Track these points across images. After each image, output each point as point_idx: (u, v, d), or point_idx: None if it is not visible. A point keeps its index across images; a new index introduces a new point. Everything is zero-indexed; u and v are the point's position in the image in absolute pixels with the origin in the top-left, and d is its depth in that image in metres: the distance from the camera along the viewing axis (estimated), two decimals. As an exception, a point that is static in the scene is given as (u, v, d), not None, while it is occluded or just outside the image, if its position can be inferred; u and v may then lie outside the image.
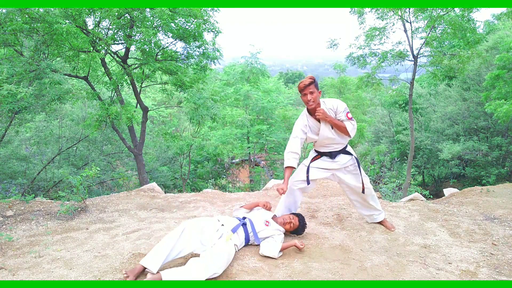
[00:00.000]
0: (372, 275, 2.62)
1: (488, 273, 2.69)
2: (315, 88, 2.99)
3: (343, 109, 3.06)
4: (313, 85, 2.97)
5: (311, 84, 2.96)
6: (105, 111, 7.39)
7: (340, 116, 3.07)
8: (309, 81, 2.96)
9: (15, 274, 2.55)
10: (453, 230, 3.54)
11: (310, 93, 2.97)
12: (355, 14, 10.07)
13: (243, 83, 14.86)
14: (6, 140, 8.26)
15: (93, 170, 4.09)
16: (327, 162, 3.28)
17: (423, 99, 16.66)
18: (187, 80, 8.26)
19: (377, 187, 8.78)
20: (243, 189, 12.35)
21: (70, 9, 6.38)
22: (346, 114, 3.05)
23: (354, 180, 3.31)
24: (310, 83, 2.95)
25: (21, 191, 7.68)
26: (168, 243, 2.51)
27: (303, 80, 3.00)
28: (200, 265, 2.41)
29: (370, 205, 3.48)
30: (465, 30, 9.06)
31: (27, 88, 4.73)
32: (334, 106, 3.06)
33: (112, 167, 11.35)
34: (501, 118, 8.94)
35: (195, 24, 7.79)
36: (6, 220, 3.59)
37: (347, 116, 3.06)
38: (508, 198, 4.46)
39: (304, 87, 2.96)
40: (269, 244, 2.89)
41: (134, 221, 3.72)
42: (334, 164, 3.26)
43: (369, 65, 10.49)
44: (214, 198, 4.74)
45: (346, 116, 3.05)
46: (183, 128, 15.78)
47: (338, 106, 3.07)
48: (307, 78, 2.98)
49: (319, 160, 3.31)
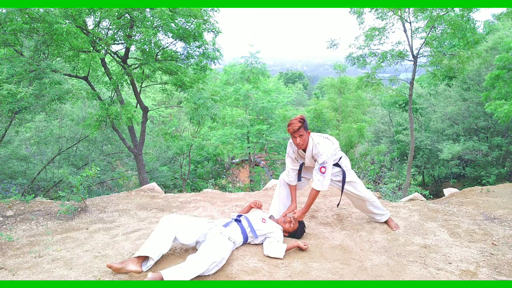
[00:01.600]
0: (372, 275, 2.62)
1: (488, 273, 2.69)
2: (304, 131, 3.03)
3: (321, 161, 3.09)
4: (302, 128, 3.01)
5: (300, 128, 3.00)
6: (105, 111, 7.39)
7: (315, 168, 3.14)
8: (298, 126, 2.99)
9: (15, 274, 2.55)
10: (453, 230, 3.54)
11: (300, 136, 3.03)
12: (354, 14, 10.07)
13: (243, 83, 14.86)
14: (6, 140, 8.25)
15: (93, 170, 4.09)
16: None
17: (423, 99, 16.66)
18: (187, 80, 8.26)
19: (377, 187, 8.78)
20: (243, 189, 12.33)
21: (70, 9, 6.38)
22: (320, 168, 3.09)
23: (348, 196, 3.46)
24: (299, 128, 2.99)
25: (21, 191, 7.67)
26: (159, 232, 2.65)
27: (292, 123, 3.02)
28: (197, 257, 2.47)
29: (368, 210, 3.53)
30: (465, 30, 9.06)
31: (27, 88, 4.74)
32: (317, 154, 3.12)
33: (112, 167, 11.34)
34: (501, 119, 8.94)
35: (195, 24, 7.79)
36: (6, 220, 3.59)
37: (320, 171, 3.10)
38: (508, 198, 4.46)
39: (293, 131, 3.02)
40: (273, 245, 2.90)
41: (134, 221, 3.72)
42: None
43: (369, 65, 10.48)
44: (214, 198, 4.74)
45: (319, 171, 3.10)
46: (183, 128, 15.79)
47: (319, 158, 3.10)
48: (296, 121, 3.00)
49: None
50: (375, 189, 8.23)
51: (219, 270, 2.60)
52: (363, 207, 3.53)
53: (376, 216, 3.57)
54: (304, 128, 3.04)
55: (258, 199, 3.75)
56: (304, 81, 56.02)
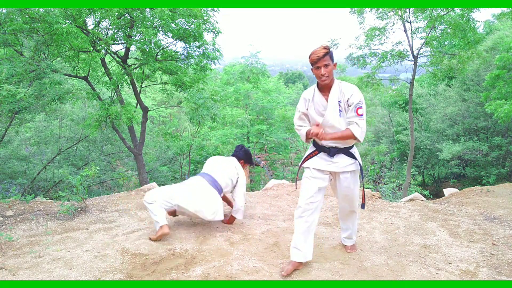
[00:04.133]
0: (372, 275, 2.62)
1: (488, 273, 2.69)
2: (330, 60, 2.44)
3: (357, 101, 2.47)
4: (328, 56, 2.43)
5: (326, 55, 2.41)
6: (105, 111, 7.39)
7: (350, 111, 2.50)
8: (323, 52, 2.41)
9: (15, 274, 2.55)
10: (453, 230, 3.54)
11: (325, 66, 2.43)
12: (355, 14, 10.07)
13: (243, 83, 14.86)
14: (6, 140, 8.26)
15: (93, 170, 4.09)
16: (323, 162, 2.64)
17: (423, 99, 16.66)
18: (187, 80, 8.27)
19: (377, 187, 8.78)
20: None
21: (70, 9, 6.38)
22: (356, 110, 2.47)
23: (348, 191, 2.71)
24: (325, 54, 2.41)
25: (21, 191, 7.68)
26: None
27: (316, 50, 2.43)
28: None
29: (351, 222, 2.92)
30: (465, 30, 9.06)
31: (27, 89, 4.74)
32: (348, 93, 2.48)
33: (112, 167, 11.35)
34: (501, 119, 8.94)
35: (195, 24, 7.79)
36: (6, 220, 3.59)
37: (357, 112, 2.47)
38: (508, 198, 4.46)
39: (317, 59, 2.41)
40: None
41: (134, 221, 3.72)
42: (332, 166, 2.62)
43: (369, 65, 10.48)
44: (214, 198, 4.73)
45: (356, 112, 2.47)
46: (183, 128, 15.79)
47: (353, 96, 2.47)
48: (321, 48, 2.42)
49: (316, 158, 2.68)
50: (375, 189, 8.24)
51: (219, 270, 2.61)
52: (348, 217, 2.90)
53: (353, 235, 2.98)
54: (330, 58, 2.45)
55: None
56: (304, 81, 56.00)
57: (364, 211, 4.04)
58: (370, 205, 4.31)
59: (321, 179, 2.63)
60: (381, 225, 3.61)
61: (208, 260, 2.79)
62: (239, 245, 3.08)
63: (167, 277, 2.53)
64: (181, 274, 2.57)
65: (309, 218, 2.61)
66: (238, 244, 3.11)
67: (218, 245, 3.06)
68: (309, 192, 2.61)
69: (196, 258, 2.83)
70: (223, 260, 2.79)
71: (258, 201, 4.47)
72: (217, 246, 3.04)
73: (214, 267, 2.67)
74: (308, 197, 2.60)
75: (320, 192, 2.63)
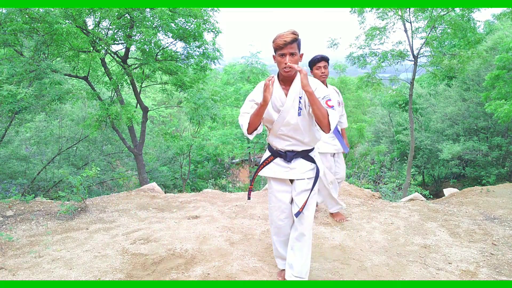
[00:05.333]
0: (372, 275, 2.62)
1: (488, 273, 2.69)
2: (297, 49, 2.11)
3: (323, 95, 2.15)
4: (296, 43, 2.08)
5: (294, 41, 2.07)
6: (105, 111, 7.39)
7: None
8: (291, 38, 2.05)
9: (15, 274, 2.55)
10: (453, 230, 3.53)
11: (291, 54, 2.08)
12: (355, 13, 10.07)
13: (243, 82, 14.86)
14: (6, 140, 8.26)
15: (93, 170, 4.09)
16: (281, 169, 2.31)
17: (423, 99, 16.65)
18: (187, 80, 8.27)
19: (377, 187, 8.78)
20: (243, 189, 12.33)
21: (70, 9, 6.38)
22: (326, 102, 2.13)
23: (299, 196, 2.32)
24: (293, 41, 2.06)
25: (21, 191, 7.67)
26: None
27: (283, 34, 2.06)
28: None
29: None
30: (465, 30, 9.06)
31: (27, 89, 4.74)
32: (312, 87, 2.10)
33: (112, 167, 11.35)
34: (501, 119, 8.94)
35: (195, 24, 7.80)
36: (6, 220, 3.59)
37: (327, 104, 2.12)
38: (508, 198, 4.46)
39: (284, 44, 2.05)
40: None
41: (134, 221, 3.72)
42: (290, 173, 2.29)
43: (369, 65, 10.48)
44: (214, 198, 4.74)
45: (326, 104, 2.12)
46: (183, 128, 15.79)
47: (317, 91, 2.14)
48: (289, 33, 2.06)
49: (272, 164, 2.34)
50: (375, 189, 8.24)
51: (219, 270, 2.61)
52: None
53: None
54: (298, 46, 2.11)
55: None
56: (304, 81, 55.98)
57: (364, 211, 4.04)
58: (370, 205, 4.31)
59: (284, 192, 2.34)
60: (381, 225, 3.61)
61: (208, 260, 2.79)
62: (239, 245, 3.08)
63: (167, 277, 2.53)
64: (181, 274, 2.57)
65: (285, 233, 2.43)
66: (238, 244, 3.10)
67: (218, 245, 3.06)
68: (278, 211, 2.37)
69: (196, 258, 2.83)
70: (223, 260, 2.79)
71: (258, 201, 4.47)
72: (217, 246, 3.04)
73: (214, 267, 2.67)
74: (277, 215, 2.38)
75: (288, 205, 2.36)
